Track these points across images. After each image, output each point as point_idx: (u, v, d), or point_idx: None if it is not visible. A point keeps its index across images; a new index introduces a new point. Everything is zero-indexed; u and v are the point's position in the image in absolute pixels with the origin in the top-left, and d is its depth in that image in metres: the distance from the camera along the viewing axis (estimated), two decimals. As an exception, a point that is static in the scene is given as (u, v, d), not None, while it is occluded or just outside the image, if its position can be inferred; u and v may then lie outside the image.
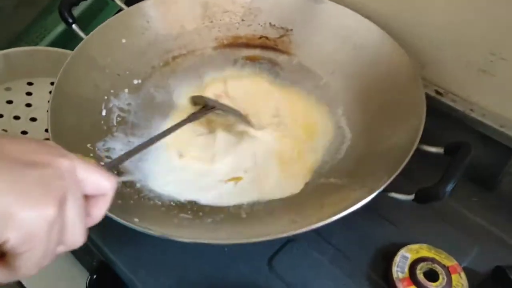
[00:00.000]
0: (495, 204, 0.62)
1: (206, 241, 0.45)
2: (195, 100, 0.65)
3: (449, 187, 0.46)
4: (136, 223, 0.46)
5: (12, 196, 0.27)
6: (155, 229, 0.46)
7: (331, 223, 0.45)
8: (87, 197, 0.33)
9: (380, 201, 0.47)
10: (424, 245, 0.55)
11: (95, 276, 0.60)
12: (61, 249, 0.31)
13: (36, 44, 0.91)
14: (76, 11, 0.88)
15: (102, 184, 0.33)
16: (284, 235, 0.44)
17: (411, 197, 0.47)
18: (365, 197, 0.47)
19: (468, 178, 0.62)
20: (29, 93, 0.85)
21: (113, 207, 0.47)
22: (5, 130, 0.77)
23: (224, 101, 0.66)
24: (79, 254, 0.67)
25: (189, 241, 0.45)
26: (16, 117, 0.81)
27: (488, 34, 0.59)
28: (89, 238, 0.59)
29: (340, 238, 0.57)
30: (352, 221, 0.47)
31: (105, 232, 0.55)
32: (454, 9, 0.61)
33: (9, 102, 0.83)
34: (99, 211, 0.34)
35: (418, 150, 0.51)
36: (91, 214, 0.34)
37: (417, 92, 0.57)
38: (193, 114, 0.62)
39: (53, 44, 0.90)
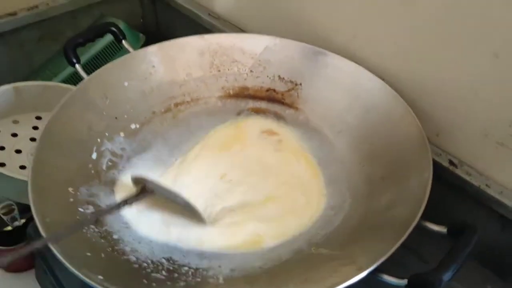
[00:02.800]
0: (513, 295, 0.56)
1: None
2: (137, 181, 0.56)
3: (447, 276, 0.40)
4: (98, 282, 0.42)
5: None
6: (116, 291, 0.42)
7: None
8: None
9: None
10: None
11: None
12: None
13: (50, 79, 0.91)
14: (88, 53, 0.89)
15: None
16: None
17: (404, 282, 0.42)
18: (352, 276, 0.42)
19: (481, 263, 0.56)
20: (35, 127, 0.83)
21: (79, 259, 0.46)
22: (3, 164, 0.76)
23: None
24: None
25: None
26: (18, 151, 0.79)
27: (510, 105, 0.54)
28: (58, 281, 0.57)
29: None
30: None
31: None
32: (473, 76, 0.57)
33: (14, 135, 0.82)
34: None
35: (419, 227, 0.47)
36: None
37: (424, 161, 0.53)
38: (123, 201, 0.54)
39: (66, 81, 0.90)
